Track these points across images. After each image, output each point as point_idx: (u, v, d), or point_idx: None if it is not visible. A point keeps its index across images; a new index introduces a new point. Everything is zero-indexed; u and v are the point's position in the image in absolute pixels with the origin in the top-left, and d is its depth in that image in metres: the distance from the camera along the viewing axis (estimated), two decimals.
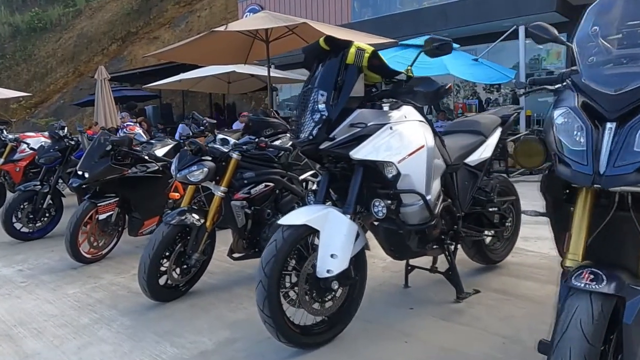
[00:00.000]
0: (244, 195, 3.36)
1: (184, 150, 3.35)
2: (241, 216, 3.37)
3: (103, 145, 4.22)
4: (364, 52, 2.43)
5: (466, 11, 11.95)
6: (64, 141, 5.28)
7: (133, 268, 4.11)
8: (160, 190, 4.59)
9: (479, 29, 11.90)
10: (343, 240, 2.45)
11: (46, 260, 4.58)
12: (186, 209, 3.31)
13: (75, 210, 4.22)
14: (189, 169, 3.18)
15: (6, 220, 5.05)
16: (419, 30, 11.64)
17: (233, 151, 3.32)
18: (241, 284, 3.71)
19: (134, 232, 4.57)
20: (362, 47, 2.45)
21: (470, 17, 11.89)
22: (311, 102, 2.52)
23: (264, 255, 2.41)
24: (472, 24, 11.82)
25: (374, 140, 2.49)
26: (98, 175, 4.14)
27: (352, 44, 2.44)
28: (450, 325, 2.82)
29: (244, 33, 7.35)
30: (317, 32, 7.09)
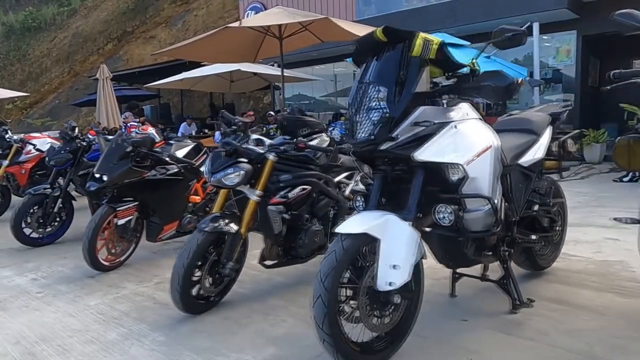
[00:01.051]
0: (281, 200, 3.14)
1: (217, 151, 3.12)
2: (278, 222, 3.14)
3: (122, 147, 3.98)
4: (431, 43, 2.21)
5: (475, 8, 11.77)
6: (76, 142, 5.04)
7: (155, 276, 3.90)
8: (180, 193, 4.37)
9: (488, 27, 11.67)
10: (405, 250, 2.24)
11: (60, 267, 4.34)
12: (219, 214, 3.08)
13: (93, 216, 3.98)
14: (224, 172, 2.95)
15: (16, 225, 4.81)
16: (427, 27, 11.41)
17: (269, 152, 3.09)
18: (274, 293, 3.49)
19: (152, 237, 4.33)
20: (429, 37, 2.23)
21: (479, 15, 11.71)
22: (367, 99, 2.31)
23: (322, 267, 2.19)
24: (481, 21, 11.62)
25: (439, 140, 2.28)
26: (117, 178, 3.90)
27: (418, 34, 2.22)
28: (513, 340, 2.60)
29: (256, 29, 7.12)
30: (332, 29, 6.88)
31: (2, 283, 3.98)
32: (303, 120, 3.34)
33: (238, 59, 8.66)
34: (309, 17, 6.24)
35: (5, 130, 6.32)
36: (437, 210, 2.32)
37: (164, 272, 4.07)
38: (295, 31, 7.14)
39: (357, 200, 2.65)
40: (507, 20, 11.38)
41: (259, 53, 8.19)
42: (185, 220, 4.46)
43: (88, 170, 5.06)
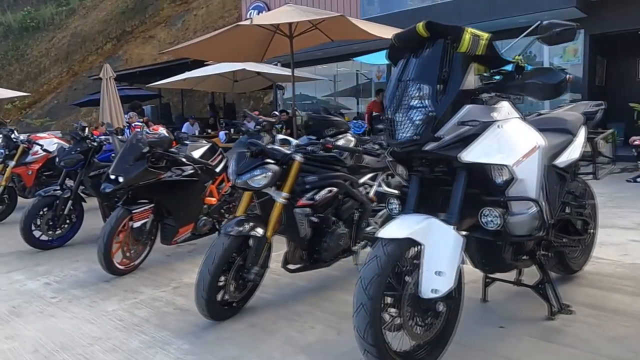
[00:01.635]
0: (308, 202, 3.03)
1: (241, 151, 3.01)
2: (305, 225, 3.04)
3: (138, 147, 3.87)
4: (480, 38, 2.11)
5: (480, 7, 11.68)
6: (86, 142, 4.92)
7: (171, 280, 3.79)
8: (196, 195, 4.26)
9: (493, 26, 11.59)
10: (449, 255, 2.14)
11: (72, 271, 4.22)
12: (244, 217, 2.97)
13: (109, 218, 3.87)
14: (250, 173, 2.84)
15: (26, 227, 4.69)
16: None
17: (296, 153, 2.99)
18: (297, 298, 3.39)
19: (167, 240, 4.23)
20: (478, 32, 2.13)
21: (484, 13, 11.63)
22: (407, 97, 2.21)
23: (365, 274, 2.09)
24: (486, 20, 11.52)
25: (484, 140, 2.17)
26: (134, 179, 3.79)
27: (466, 29, 2.12)
28: (556, 348, 2.51)
29: (266, 28, 7.01)
30: (345, 27, 6.78)
31: (14, 287, 3.86)
32: (329, 120, 3.23)
33: (245, 58, 8.54)
34: (322, 14, 6.13)
35: (11, 131, 6.19)
36: (483, 214, 2.21)
37: (180, 276, 3.97)
38: (306, 30, 7.03)
39: (391, 203, 2.55)
40: (513, 20, 11.32)
41: (267, 52, 8.08)
42: (201, 223, 4.36)
43: (99, 172, 4.96)
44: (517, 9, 11.19)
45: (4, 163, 6.11)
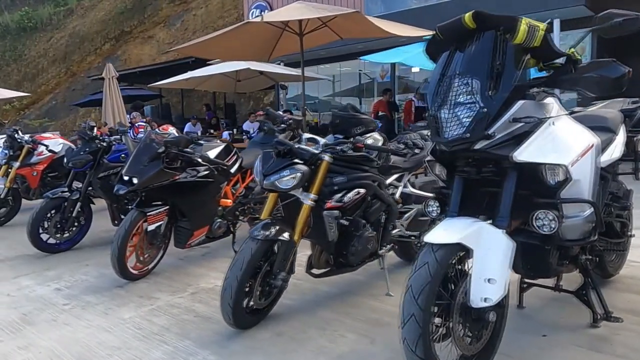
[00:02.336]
0: (337, 204, 2.88)
1: (267, 151, 2.86)
2: (334, 228, 2.89)
3: (152, 147, 3.72)
4: (537, 29, 1.97)
5: (489, 6, 11.48)
6: (95, 143, 4.76)
7: (188, 286, 3.65)
8: (211, 196, 4.11)
9: None
10: (500, 261, 2.00)
11: (83, 276, 4.07)
12: (270, 221, 2.82)
13: (123, 221, 3.72)
14: (279, 174, 2.69)
15: (33, 231, 4.53)
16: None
17: (324, 152, 2.84)
18: (322, 304, 3.24)
19: (181, 243, 4.07)
20: (534, 22, 1.99)
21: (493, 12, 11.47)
22: (454, 93, 2.06)
23: (414, 282, 1.95)
24: None
25: (538, 138, 2.03)
26: (149, 180, 3.64)
27: (522, 19, 1.98)
28: (606, 359, 2.36)
29: (275, 25, 6.86)
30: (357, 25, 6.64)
31: (24, 293, 3.71)
32: (357, 118, 3.08)
33: (252, 57, 8.40)
34: (335, 11, 5.97)
35: (15, 131, 6.02)
36: (537, 217, 2.07)
37: (197, 280, 3.82)
38: (316, 27, 6.89)
39: (430, 205, 2.41)
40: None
41: (274, 51, 7.94)
42: (216, 225, 4.21)
43: (108, 173, 4.81)
44: (527, 8, 11.01)
45: (8, 164, 5.94)
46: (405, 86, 15.08)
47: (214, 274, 3.96)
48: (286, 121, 2.98)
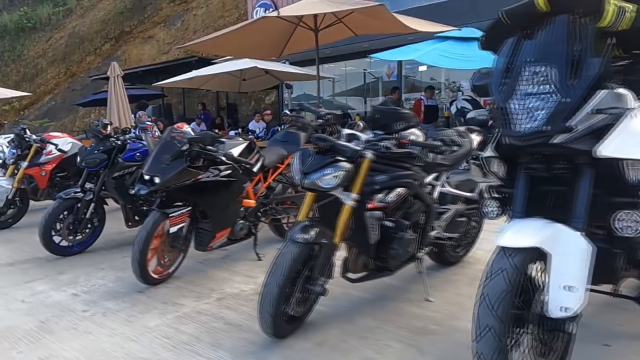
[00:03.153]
0: (380, 205, 2.70)
1: (305, 148, 2.68)
2: (376, 230, 2.71)
3: (175, 145, 3.53)
4: (625, 10, 1.79)
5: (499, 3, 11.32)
6: (109, 141, 4.57)
7: (212, 291, 3.46)
8: (234, 196, 3.92)
9: None
10: (579, 267, 1.83)
11: (100, 280, 3.87)
12: (309, 223, 2.63)
13: (144, 223, 3.52)
14: (320, 172, 2.51)
15: (46, 233, 4.34)
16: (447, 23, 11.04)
17: (366, 149, 2.66)
18: (359, 310, 3.06)
19: (202, 246, 3.88)
20: (622, 3, 1.81)
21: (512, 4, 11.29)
22: (525, 82, 1.89)
23: (490, 290, 1.76)
24: None
25: (622, 131, 1.85)
26: (171, 180, 3.45)
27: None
28: None
29: (288, 20, 6.68)
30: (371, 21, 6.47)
31: (39, 299, 3.51)
32: (399, 113, 2.89)
33: (263, 54, 8.23)
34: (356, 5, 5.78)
35: (24, 130, 5.82)
36: (619, 218, 1.89)
37: (220, 285, 3.64)
38: (331, 23, 6.71)
39: (488, 205, 2.22)
40: None
41: (286, 47, 7.75)
42: (238, 227, 4.02)
43: (123, 172, 4.62)
44: None
45: (16, 164, 5.74)
46: (412, 85, 14.91)
47: (238, 278, 3.77)
48: (324, 116, 2.79)
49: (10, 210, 5.82)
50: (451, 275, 3.60)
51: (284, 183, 4.57)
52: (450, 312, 2.95)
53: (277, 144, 4.58)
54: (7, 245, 5.12)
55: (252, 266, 4.07)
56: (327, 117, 2.76)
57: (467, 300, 3.10)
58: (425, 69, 14.45)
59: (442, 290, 3.31)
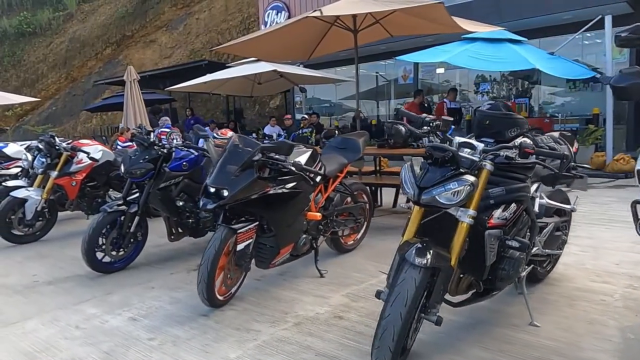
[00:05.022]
0: (500, 222, 2.40)
1: (417, 159, 2.38)
2: (495, 250, 2.41)
3: (244, 154, 3.22)
4: None
5: (522, 4, 11.12)
6: (155, 149, 4.26)
7: (284, 314, 3.16)
8: (301, 209, 3.63)
9: (537, 22, 11.09)
10: None
11: (155, 302, 3.56)
12: (423, 244, 2.32)
13: (211, 241, 3.20)
14: (443, 187, 2.21)
15: (90, 249, 4.03)
16: None
17: (484, 159, 2.36)
18: (462, 338, 2.76)
19: (265, 263, 3.58)
20: None
21: (528, 10, 11.05)
22: None
23: None
24: (529, 17, 10.99)
25: None
26: (242, 192, 3.14)
27: None
28: None
29: (326, 21, 6.39)
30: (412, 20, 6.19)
31: (95, 325, 3.19)
32: (513, 118, 2.60)
33: (292, 56, 7.95)
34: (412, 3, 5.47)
35: (53, 137, 5.50)
36: None
37: (291, 307, 3.33)
38: (370, 24, 6.42)
39: None
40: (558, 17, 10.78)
41: (316, 50, 7.46)
42: (302, 242, 3.74)
43: (170, 182, 4.32)
44: (565, 5, 10.60)
45: (45, 173, 5.42)
46: (428, 88, 14.66)
47: (307, 299, 3.47)
48: (429, 122, 2.49)
49: (38, 222, 5.49)
50: (545, 295, 3.30)
51: (342, 193, 4.27)
52: (568, 340, 2.65)
53: (334, 151, 4.29)
54: (41, 261, 4.80)
55: (316, 284, 3.77)
56: (436, 123, 2.45)
57: (579, 325, 2.82)
58: (443, 71, 14.22)
59: (544, 312, 3.01)
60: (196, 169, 4.50)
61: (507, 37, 9.19)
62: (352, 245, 4.58)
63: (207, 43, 25.40)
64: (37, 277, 4.27)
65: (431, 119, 2.50)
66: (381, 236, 5.03)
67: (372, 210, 4.76)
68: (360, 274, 3.95)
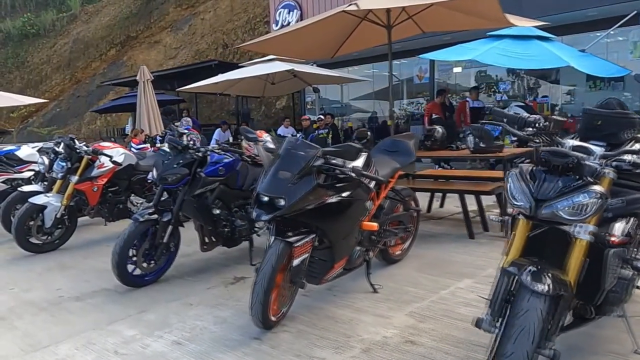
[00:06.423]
0: (624, 239, 2.06)
1: (526, 165, 2.04)
2: (616, 272, 2.07)
3: (299, 159, 2.88)
4: None
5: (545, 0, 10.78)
6: (189, 153, 3.92)
7: (347, 337, 2.85)
8: (357, 219, 3.28)
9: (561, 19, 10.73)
10: None
11: (197, 322, 3.22)
12: (539, 266, 1.96)
13: (267, 256, 2.85)
14: (570, 201, 1.87)
15: (121, 262, 3.70)
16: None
17: (607, 166, 2.02)
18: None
19: (317, 278, 3.24)
20: None
21: (550, 7, 10.70)
22: None
23: None
24: (552, 14, 10.64)
25: None
26: (301, 202, 2.80)
27: None
28: None
29: (357, 16, 6.07)
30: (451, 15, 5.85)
31: (136, 350, 2.86)
32: (629, 118, 2.27)
33: (316, 54, 7.62)
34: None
35: (73, 140, 5.16)
36: None
37: (353, 329, 2.99)
38: (403, 19, 6.09)
39: None
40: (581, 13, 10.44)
41: (343, 47, 7.12)
42: (355, 255, 3.40)
43: (205, 189, 3.98)
44: (585, 2, 10.27)
45: (65, 178, 5.09)
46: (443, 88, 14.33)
47: (367, 319, 3.13)
48: (532, 123, 2.14)
49: (57, 230, 5.16)
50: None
51: (393, 199, 3.94)
52: None
53: (383, 154, 3.95)
54: (64, 272, 4.46)
55: (371, 300, 3.43)
56: (545, 124, 2.11)
57: None
58: (460, 70, 13.90)
59: None
60: (232, 173, 4.16)
61: (535, 34, 8.84)
62: (399, 256, 4.25)
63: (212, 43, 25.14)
64: (61, 292, 3.94)
65: (535, 119, 2.15)
66: (425, 244, 4.70)
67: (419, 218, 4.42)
68: (416, 289, 3.61)
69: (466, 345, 2.70)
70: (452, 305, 3.27)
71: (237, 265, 4.42)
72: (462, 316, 3.07)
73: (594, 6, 10.18)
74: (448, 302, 3.33)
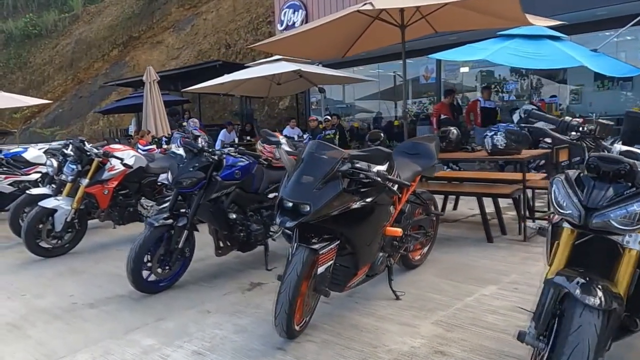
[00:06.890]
0: None
1: (572, 172, 1.94)
2: None
3: (324, 163, 2.79)
4: None
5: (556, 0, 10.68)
6: (205, 156, 3.83)
7: (373, 347, 2.77)
8: (381, 224, 3.19)
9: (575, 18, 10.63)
10: None
11: (217, 330, 3.13)
12: (585, 277, 1.87)
13: (292, 265, 2.75)
14: (625, 209, 1.77)
15: (136, 268, 3.61)
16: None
17: None
18: None
19: (340, 286, 3.15)
20: None
21: (561, 7, 10.60)
22: None
23: None
24: (563, 13, 10.54)
25: None
26: (326, 208, 2.71)
27: None
28: None
29: (369, 15, 5.98)
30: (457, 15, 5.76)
31: (154, 359, 2.77)
32: None
33: (327, 54, 7.53)
34: None
35: (83, 142, 5.06)
36: None
37: (379, 339, 2.90)
38: (417, 19, 6.00)
39: None
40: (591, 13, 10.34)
41: (354, 46, 7.03)
42: (378, 261, 3.30)
43: (221, 193, 3.89)
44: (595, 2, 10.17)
45: (75, 181, 5.00)
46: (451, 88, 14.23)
47: (393, 328, 3.03)
48: (576, 127, 2.04)
49: (68, 234, 5.07)
50: None
51: (413, 203, 3.84)
52: None
53: (405, 156, 3.84)
54: (75, 277, 4.37)
55: (395, 308, 3.34)
56: (589, 127, 2.01)
57: None
58: (467, 70, 13.80)
59: None
60: (248, 177, 4.07)
61: (547, 33, 8.74)
62: (418, 261, 4.15)
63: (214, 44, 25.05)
64: (74, 298, 3.85)
65: (578, 122, 2.05)
66: (442, 248, 4.60)
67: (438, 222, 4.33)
68: (440, 296, 3.52)
69: (499, 356, 2.60)
70: (479, 313, 3.17)
71: (251, 270, 4.33)
72: (491, 325, 2.98)
73: (603, 5, 10.08)
74: (474, 309, 3.23)
